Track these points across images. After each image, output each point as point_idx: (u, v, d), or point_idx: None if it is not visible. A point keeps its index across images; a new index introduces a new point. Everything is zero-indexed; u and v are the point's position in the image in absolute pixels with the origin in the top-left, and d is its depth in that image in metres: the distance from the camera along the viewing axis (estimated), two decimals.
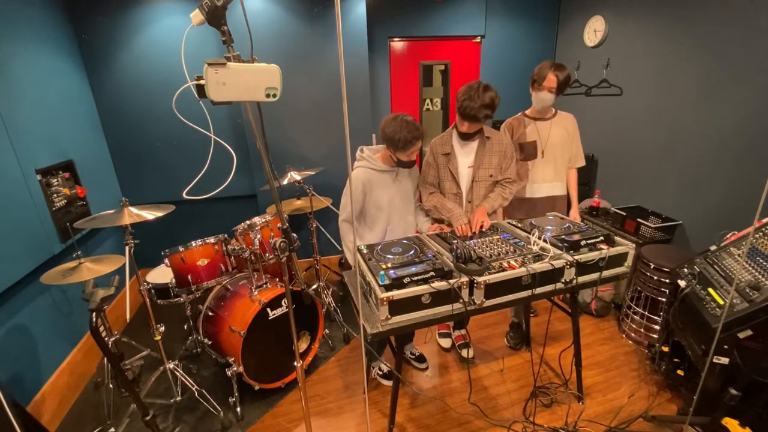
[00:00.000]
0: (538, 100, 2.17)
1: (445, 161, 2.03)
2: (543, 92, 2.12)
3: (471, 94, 1.81)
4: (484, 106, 1.81)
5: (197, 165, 1.28)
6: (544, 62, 2.13)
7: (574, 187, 2.39)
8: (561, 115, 2.28)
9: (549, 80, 2.07)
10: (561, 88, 2.10)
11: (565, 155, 2.31)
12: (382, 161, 1.98)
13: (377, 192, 1.97)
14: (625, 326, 2.60)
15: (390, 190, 2.00)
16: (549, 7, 3.68)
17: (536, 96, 2.17)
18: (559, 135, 2.25)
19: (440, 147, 2.04)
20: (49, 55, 2.45)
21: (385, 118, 1.88)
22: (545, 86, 2.09)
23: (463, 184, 2.06)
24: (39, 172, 2.16)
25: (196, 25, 1.02)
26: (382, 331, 1.46)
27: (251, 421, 2.08)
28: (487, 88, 1.83)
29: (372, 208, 2.00)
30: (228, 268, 2.27)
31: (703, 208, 2.59)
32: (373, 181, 1.95)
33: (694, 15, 2.52)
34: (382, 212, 2.00)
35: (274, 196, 1.21)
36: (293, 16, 2.92)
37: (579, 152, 2.35)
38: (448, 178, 2.05)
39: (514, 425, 1.98)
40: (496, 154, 2.03)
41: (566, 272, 1.63)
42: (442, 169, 2.05)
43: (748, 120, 2.28)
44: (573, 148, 2.32)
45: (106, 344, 1.43)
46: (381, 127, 1.87)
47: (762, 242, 1.69)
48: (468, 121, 1.88)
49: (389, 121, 1.84)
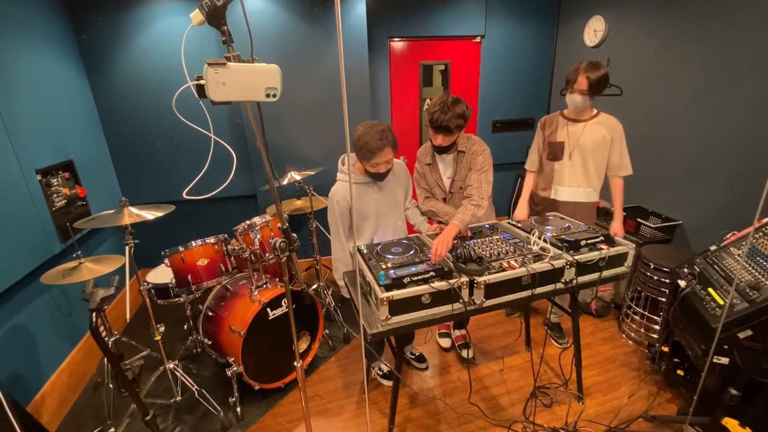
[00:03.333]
0: (570, 102, 2.09)
1: (429, 170, 2.05)
2: (574, 95, 2.03)
3: (442, 107, 1.75)
4: (455, 117, 1.75)
5: (197, 165, 1.28)
6: (579, 62, 2.02)
7: (618, 199, 2.21)
8: (602, 117, 2.13)
9: (579, 83, 1.99)
10: (594, 89, 1.98)
11: (600, 161, 2.15)
12: (360, 173, 1.85)
13: (360, 203, 1.88)
14: (625, 326, 2.60)
15: (375, 200, 1.90)
16: (549, 7, 3.68)
17: (568, 98, 2.09)
18: (593, 139, 2.11)
19: (423, 157, 2.05)
20: (49, 56, 2.45)
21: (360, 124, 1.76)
22: (576, 89, 2.01)
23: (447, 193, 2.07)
24: (39, 172, 2.16)
25: (196, 25, 1.02)
26: (382, 331, 1.46)
27: (251, 421, 2.08)
28: (458, 100, 1.78)
29: (358, 219, 1.92)
30: (228, 268, 2.27)
31: (703, 208, 2.59)
32: (355, 194, 1.85)
33: (694, 15, 2.52)
34: (368, 221, 1.93)
35: (274, 196, 1.21)
36: (293, 16, 2.92)
37: (622, 160, 2.15)
38: (435, 185, 2.07)
39: (514, 425, 1.98)
40: (465, 167, 1.97)
41: (566, 272, 1.63)
42: (428, 177, 2.07)
43: (748, 120, 2.28)
44: (614, 154, 2.14)
45: (106, 344, 1.43)
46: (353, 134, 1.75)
47: (762, 242, 1.68)
48: (441, 133, 1.82)
49: (359, 127, 1.72)
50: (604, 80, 2.00)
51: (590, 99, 2.04)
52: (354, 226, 1.83)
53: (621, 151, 2.15)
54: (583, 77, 1.98)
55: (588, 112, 2.14)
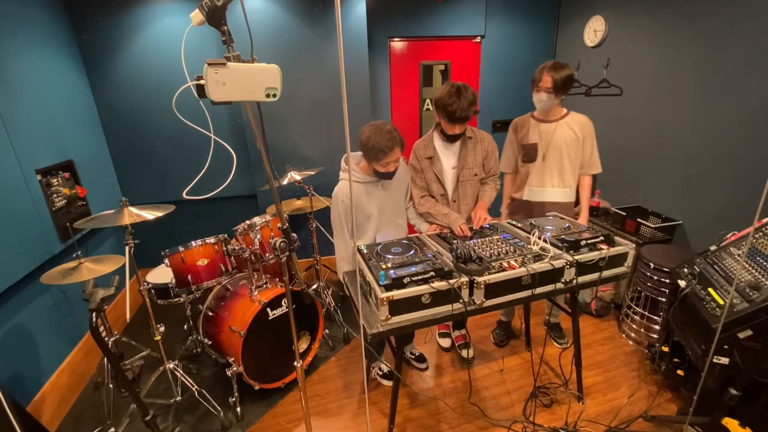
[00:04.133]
0: (537, 101, 2.10)
1: (428, 164, 2.03)
2: (540, 93, 2.05)
3: (457, 97, 1.77)
4: (470, 104, 1.79)
5: (197, 165, 1.28)
6: (545, 62, 2.06)
7: (586, 196, 2.24)
8: (572, 116, 2.15)
9: (544, 81, 2.01)
10: (559, 88, 2.00)
11: (574, 160, 2.16)
12: (364, 172, 1.88)
13: (364, 202, 1.90)
14: (625, 326, 2.60)
15: (378, 199, 1.92)
16: (549, 7, 3.68)
17: (535, 97, 2.10)
18: (565, 138, 2.12)
19: (423, 151, 2.03)
20: (49, 56, 2.45)
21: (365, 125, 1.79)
22: (542, 87, 2.03)
23: (448, 186, 2.06)
24: (39, 172, 2.16)
25: (196, 25, 1.02)
26: (382, 331, 1.46)
27: (251, 421, 2.08)
28: (465, 86, 1.81)
29: (360, 218, 1.93)
30: (228, 268, 2.27)
31: (703, 208, 2.59)
32: (358, 192, 1.88)
33: (694, 15, 2.52)
34: (370, 221, 1.94)
35: (274, 196, 1.21)
36: (293, 16, 2.92)
37: (593, 158, 2.18)
38: (434, 181, 2.05)
39: (514, 425, 1.98)
40: (479, 153, 2.03)
41: (566, 272, 1.63)
42: (426, 173, 2.04)
43: (748, 120, 2.28)
44: (586, 153, 2.16)
45: (106, 344, 1.43)
46: (359, 135, 1.78)
47: (762, 242, 1.68)
48: (459, 123, 1.84)
49: (366, 129, 1.75)
50: (569, 79, 2.02)
51: (556, 98, 2.05)
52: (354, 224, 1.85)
53: (592, 149, 2.18)
54: (547, 76, 2.00)
55: (558, 112, 2.15)
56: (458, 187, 2.06)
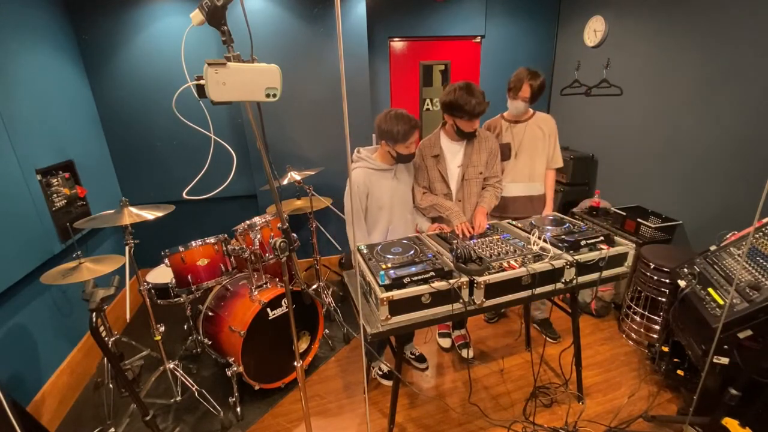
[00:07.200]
0: (513, 107, 2.27)
1: (434, 163, 2.05)
2: (517, 101, 2.21)
3: (470, 93, 1.82)
4: (483, 97, 1.85)
5: (197, 165, 1.28)
6: (521, 70, 2.19)
7: (550, 188, 2.40)
8: (538, 116, 2.32)
9: (524, 90, 2.17)
10: (535, 96, 2.19)
11: (543, 156, 2.34)
12: (380, 160, 1.97)
13: (378, 191, 1.96)
14: (625, 326, 2.60)
15: (391, 188, 1.99)
16: (549, 7, 3.68)
17: (511, 104, 2.26)
18: (534, 136, 2.29)
19: (429, 149, 2.05)
20: (50, 56, 2.45)
21: (378, 116, 1.89)
22: (520, 96, 2.19)
23: (453, 184, 2.07)
24: (39, 172, 2.16)
25: (196, 25, 1.02)
26: (382, 331, 1.46)
27: (251, 421, 2.08)
28: (468, 82, 1.88)
29: (374, 208, 1.99)
30: (228, 268, 2.27)
31: (703, 208, 2.59)
32: (374, 180, 1.95)
33: (694, 15, 2.52)
34: (383, 211, 2.00)
35: (274, 196, 1.21)
36: (293, 16, 2.92)
37: (556, 153, 2.36)
38: (438, 179, 2.06)
39: (514, 425, 1.98)
40: (484, 152, 2.05)
41: (566, 272, 1.63)
42: (431, 171, 2.06)
43: (748, 120, 2.28)
44: (550, 149, 2.34)
45: (106, 344, 1.43)
46: (377, 124, 1.88)
47: (762, 242, 1.68)
48: (476, 119, 1.90)
49: (383, 117, 1.85)
50: (543, 87, 2.20)
51: (531, 104, 2.25)
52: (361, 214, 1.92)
53: (555, 146, 2.36)
54: (527, 85, 2.16)
55: (527, 113, 2.32)
56: (463, 186, 2.07)
